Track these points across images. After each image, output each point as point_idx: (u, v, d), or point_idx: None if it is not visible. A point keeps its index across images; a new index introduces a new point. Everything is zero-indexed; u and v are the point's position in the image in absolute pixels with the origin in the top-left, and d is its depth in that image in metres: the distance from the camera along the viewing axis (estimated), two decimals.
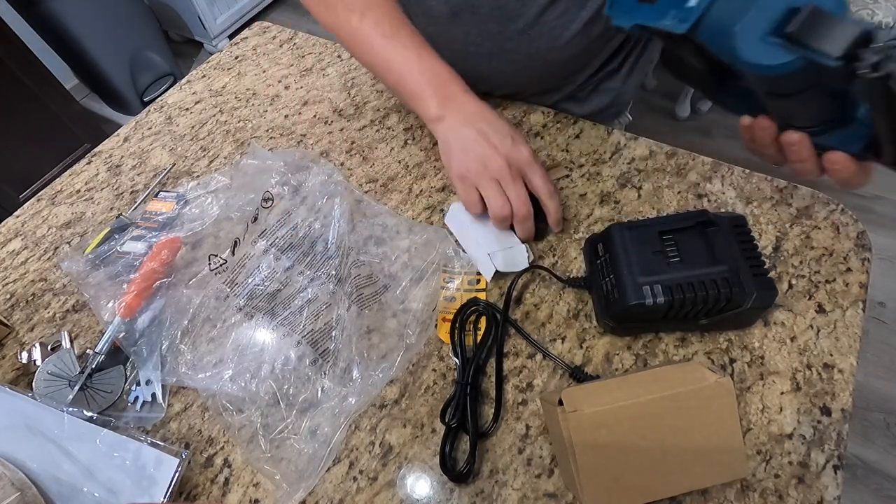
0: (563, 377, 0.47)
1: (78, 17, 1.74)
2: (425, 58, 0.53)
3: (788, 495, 0.41)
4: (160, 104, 0.75)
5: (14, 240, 0.62)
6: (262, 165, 0.59)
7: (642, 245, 0.46)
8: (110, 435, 0.43)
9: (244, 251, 0.52)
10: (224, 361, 0.48)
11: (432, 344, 0.50)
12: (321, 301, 0.49)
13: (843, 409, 0.44)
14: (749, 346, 0.47)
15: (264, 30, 0.85)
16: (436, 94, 0.52)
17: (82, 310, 0.55)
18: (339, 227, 0.53)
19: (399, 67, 0.53)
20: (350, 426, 0.46)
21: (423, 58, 0.53)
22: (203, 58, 2.31)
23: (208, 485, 0.45)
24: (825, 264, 0.51)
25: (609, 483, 0.37)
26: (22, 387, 0.48)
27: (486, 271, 0.52)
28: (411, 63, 0.53)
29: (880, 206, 1.57)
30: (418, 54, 0.53)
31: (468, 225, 0.54)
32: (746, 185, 0.58)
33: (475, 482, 0.43)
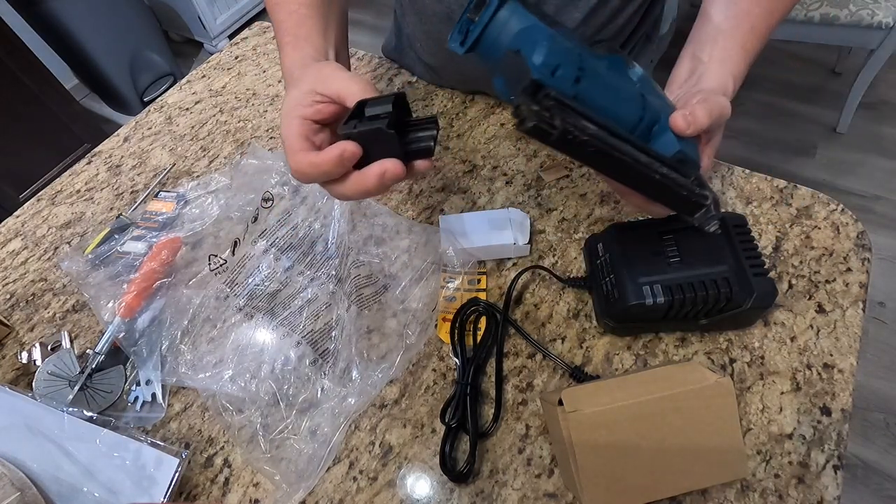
0: (563, 377, 0.47)
1: (78, 17, 1.74)
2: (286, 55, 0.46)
3: (788, 495, 0.41)
4: (160, 104, 0.75)
5: (14, 240, 0.62)
6: (262, 165, 0.59)
7: (642, 245, 0.46)
8: (110, 435, 0.43)
9: (244, 251, 0.52)
10: (224, 361, 0.48)
11: (432, 344, 0.50)
12: (321, 301, 0.49)
13: (843, 409, 0.44)
14: (749, 346, 0.47)
15: (264, 30, 0.85)
16: None
17: (82, 310, 0.55)
18: (339, 227, 0.53)
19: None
20: (350, 426, 0.46)
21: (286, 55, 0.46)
22: (203, 58, 2.31)
23: (208, 485, 0.45)
24: (825, 264, 0.51)
25: (609, 483, 0.37)
26: (22, 387, 0.48)
27: (515, 253, 0.54)
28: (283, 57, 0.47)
29: (880, 206, 1.57)
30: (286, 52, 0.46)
31: (465, 232, 0.54)
32: (746, 185, 0.58)
33: (475, 482, 0.43)
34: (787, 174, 0.68)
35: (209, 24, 2.20)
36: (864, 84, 1.57)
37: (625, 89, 0.38)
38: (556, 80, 0.34)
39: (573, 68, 0.35)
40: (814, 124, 1.77)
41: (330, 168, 0.35)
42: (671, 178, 0.37)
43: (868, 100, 1.71)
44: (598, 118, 0.35)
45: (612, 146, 0.34)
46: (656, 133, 0.40)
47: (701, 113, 0.39)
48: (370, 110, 0.35)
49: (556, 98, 0.33)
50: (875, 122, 1.75)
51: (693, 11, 0.49)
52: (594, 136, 0.33)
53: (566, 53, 0.35)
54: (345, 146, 0.34)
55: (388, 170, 0.35)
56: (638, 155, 0.36)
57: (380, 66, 0.76)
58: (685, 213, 0.40)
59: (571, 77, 0.35)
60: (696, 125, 0.39)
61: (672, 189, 0.37)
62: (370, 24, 2.31)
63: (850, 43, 1.49)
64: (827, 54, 1.93)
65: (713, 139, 0.42)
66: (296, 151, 0.36)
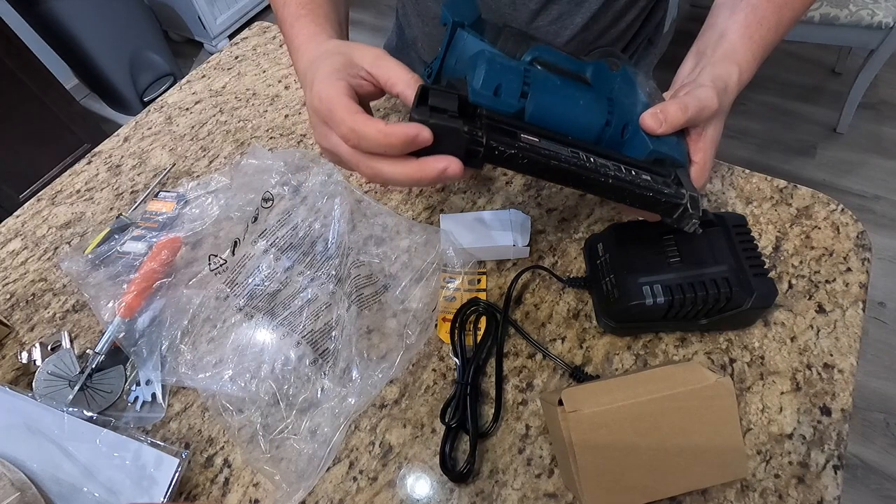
0: (563, 377, 0.47)
1: (78, 17, 1.74)
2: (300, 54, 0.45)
3: (788, 495, 0.41)
4: (160, 104, 0.75)
5: (14, 240, 0.62)
6: (262, 165, 0.59)
7: (642, 245, 0.46)
8: (110, 435, 0.43)
9: (244, 251, 0.52)
10: (224, 361, 0.48)
11: (432, 344, 0.50)
12: (321, 301, 0.49)
13: (843, 409, 0.44)
14: (749, 346, 0.47)
15: (264, 30, 0.85)
16: None
17: (82, 310, 0.55)
18: (339, 227, 0.53)
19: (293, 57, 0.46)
20: (350, 426, 0.46)
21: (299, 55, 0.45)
22: (203, 58, 2.31)
23: (208, 485, 0.45)
24: (825, 264, 0.51)
25: (609, 483, 0.37)
26: (22, 387, 0.48)
27: (515, 254, 0.53)
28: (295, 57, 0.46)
29: (880, 206, 1.58)
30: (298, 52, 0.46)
31: (465, 232, 0.54)
32: (746, 185, 0.58)
33: (475, 482, 0.43)
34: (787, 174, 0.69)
35: (209, 24, 2.20)
36: (864, 84, 1.57)
37: (585, 97, 0.39)
38: (498, 100, 0.36)
39: (517, 85, 0.37)
40: (814, 124, 1.77)
41: (397, 143, 0.32)
42: (630, 182, 0.36)
43: (868, 100, 1.71)
44: (542, 129, 0.36)
45: (546, 156, 0.34)
46: (630, 135, 0.39)
47: (674, 109, 0.37)
48: (435, 101, 0.34)
49: (487, 117, 0.35)
50: (875, 122, 1.75)
51: (693, 11, 0.49)
52: (522, 148, 0.34)
53: (508, 72, 0.37)
54: (420, 129, 0.32)
55: (450, 168, 0.33)
56: (585, 161, 0.35)
57: None
58: (661, 214, 0.39)
59: (516, 93, 0.36)
60: (670, 122, 0.37)
61: (635, 193, 0.37)
62: (370, 24, 2.31)
63: (850, 43, 1.49)
64: (827, 54, 1.93)
65: (705, 133, 0.40)
66: (354, 112, 0.33)
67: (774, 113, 1.81)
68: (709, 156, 0.40)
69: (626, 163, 0.38)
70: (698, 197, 0.38)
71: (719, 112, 0.40)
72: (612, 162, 0.37)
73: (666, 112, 0.37)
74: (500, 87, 0.36)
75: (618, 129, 0.39)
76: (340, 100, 0.34)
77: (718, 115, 0.40)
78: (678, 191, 0.37)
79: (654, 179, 0.37)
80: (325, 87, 0.35)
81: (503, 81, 0.36)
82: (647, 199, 0.37)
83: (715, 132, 0.41)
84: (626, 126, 0.39)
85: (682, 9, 1.68)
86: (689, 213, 0.37)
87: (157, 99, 0.77)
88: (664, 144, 0.39)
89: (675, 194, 0.37)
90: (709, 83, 0.40)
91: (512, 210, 0.55)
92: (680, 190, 0.38)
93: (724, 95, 0.40)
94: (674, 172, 0.39)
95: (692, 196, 0.38)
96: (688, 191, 0.38)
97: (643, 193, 0.37)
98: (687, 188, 0.38)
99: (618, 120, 0.39)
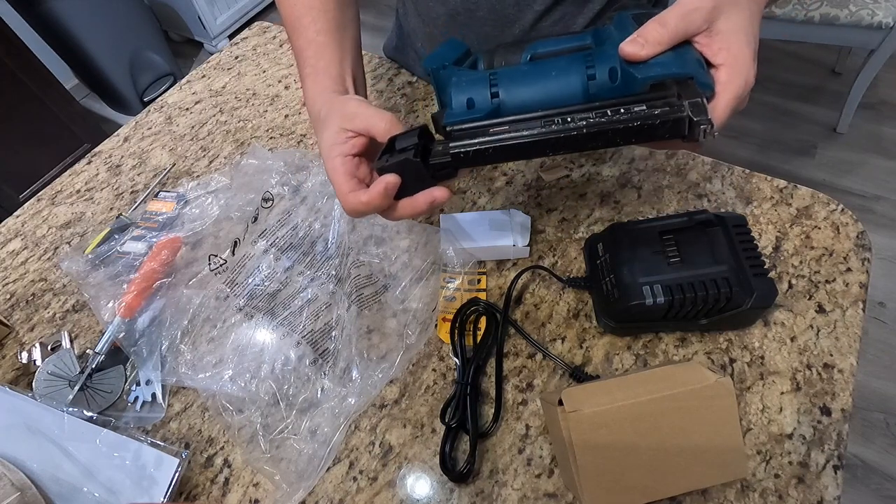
0: (563, 377, 0.47)
1: (78, 17, 1.73)
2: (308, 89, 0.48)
3: (788, 495, 0.41)
4: (160, 104, 0.75)
5: (14, 240, 0.62)
6: (262, 165, 0.59)
7: (642, 245, 0.46)
8: (110, 435, 0.43)
9: (244, 251, 0.52)
10: (224, 361, 0.48)
11: (432, 344, 0.50)
12: (321, 301, 0.49)
13: (843, 409, 0.44)
14: (749, 346, 0.47)
15: (264, 30, 0.85)
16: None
17: (82, 310, 0.55)
18: (339, 227, 0.53)
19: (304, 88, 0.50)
20: (350, 426, 0.46)
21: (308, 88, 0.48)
22: (203, 58, 2.31)
23: (208, 485, 0.45)
24: (825, 264, 0.51)
25: (609, 483, 0.37)
26: (22, 387, 0.48)
27: (515, 254, 0.54)
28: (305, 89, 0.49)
29: (880, 206, 1.57)
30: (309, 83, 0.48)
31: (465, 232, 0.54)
32: (746, 185, 0.58)
33: (475, 482, 0.43)
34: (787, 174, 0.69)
35: (209, 24, 2.19)
36: (864, 84, 1.57)
37: (557, 65, 0.40)
38: (473, 112, 0.39)
39: (485, 91, 0.39)
40: (814, 124, 1.77)
41: (379, 202, 0.38)
42: (613, 122, 0.35)
43: (868, 100, 1.71)
44: (518, 116, 0.38)
45: (510, 138, 0.36)
46: (623, 75, 0.38)
47: (652, 27, 0.35)
48: (399, 143, 0.39)
49: (455, 130, 0.38)
50: (875, 122, 1.75)
51: None
52: (483, 142, 0.37)
53: (474, 84, 0.40)
54: (387, 179, 0.37)
55: (437, 198, 0.38)
56: (556, 125, 0.36)
57: (380, 66, 0.76)
58: (671, 136, 0.36)
59: (486, 98, 0.39)
60: (652, 41, 0.35)
61: (623, 129, 0.35)
62: (370, 24, 2.31)
63: (850, 43, 1.49)
64: (827, 54, 1.93)
65: (715, 30, 0.35)
66: (346, 193, 0.39)
67: (774, 113, 1.81)
68: (737, 48, 0.35)
69: (615, 104, 0.36)
70: (701, 101, 0.34)
71: (724, 4, 0.35)
72: (595, 112, 0.36)
73: (644, 33, 0.35)
74: (471, 100, 0.39)
75: (604, 77, 0.38)
76: (337, 182, 0.39)
77: (728, 6, 0.36)
78: (676, 105, 0.34)
79: (650, 106, 0.35)
80: (328, 170, 0.40)
81: (472, 95, 0.39)
82: (640, 130, 0.35)
83: (733, 21, 0.36)
84: (612, 70, 0.38)
85: None
86: (696, 121, 0.34)
87: (157, 99, 0.77)
88: (656, 66, 0.36)
89: (671, 110, 0.34)
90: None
91: (512, 210, 0.55)
92: (678, 104, 0.34)
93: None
94: (675, 89, 0.35)
95: (692, 103, 0.34)
96: (700, 96, 0.34)
97: (630, 126, 0.35)
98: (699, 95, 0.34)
99: (601, 68, 0.38)
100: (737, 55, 0.35)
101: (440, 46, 0.46)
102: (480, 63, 0.46)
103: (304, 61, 0.48)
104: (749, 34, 0.36)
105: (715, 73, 0.36)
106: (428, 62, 0.44)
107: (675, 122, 0.34)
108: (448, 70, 0.44)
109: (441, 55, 0.45)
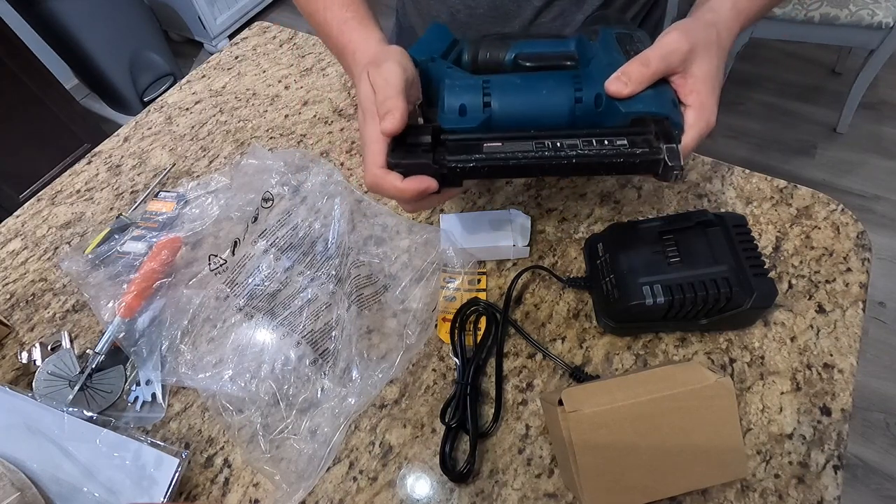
0: (563, 377, 0.47)
1: (78, 17, 1.73)
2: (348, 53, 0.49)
3: (788, 495, 0.41)
4: (160, 104, 0.75)
5: (14, 240, 0.62)
6: (262, 165, 0.59)
7: (642, 245, 0.46)
8: (110, 435, 0.43)
9: (244, 251, 0.52)
10: (224, 361, 0.48)
11: (432, 344, 0.50)
12: (321, 301, 0.49)
13: (843, 409, 0.44)
14: (749, 346, 0.47)
15: (264, 30, 0.85)
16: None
17: (82, 310, 0.55)
18: (339, 227, 0.53)
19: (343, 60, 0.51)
20: (350, 426, 0.46)
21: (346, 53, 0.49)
22: (203, 58, 2.30)
23: (208, 485, 0.45)
24: (825, 264, 0.51)
25: (609, 483, 0.37)
26: (22, 387, 0.48)
27: (515, 254, 0.54)
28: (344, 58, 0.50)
29: (880, 206, 1.58)
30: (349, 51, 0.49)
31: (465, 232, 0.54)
32: (746, 185, 0.58)
33: (475, 482, 0.43)
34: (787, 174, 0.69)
35: (209, 24, 2.19)
36: (864, 84, 1.57)
37: (548, 83, 0.41)
38: (465, 119, 0.40)
39: (478, 99, 0.40)
40: (814, 124, 1.77)
41: (409, 197, 0.38)
42: (598, 155, 0.37)
43: (868, 100, 1.71)
44: (509, 132, 0.39)
45: (506, 157, 0.37)
46: (606, 103, 0.40)
47: (635, 66, 0.37)
48: (412, 138, 0.39)
49: (451, 140, 0.39)
50: (875, 122, 1.75)
51: None
52: (480, 159, 0.37)
53: (468, 90, 0.40)
54: (428, 183, 0.37)
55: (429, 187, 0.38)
56: (548, 150, 0.37)
57: None
58: (644, 173, 0.39)
59: (479, 107, 0.40)
60: (635, 80, 0.37)
61: (606, 163, 0.37)
62: None
63: (850, 43, 1.49)
64: (827, 54, 1.93)
65: (690, 73, 0.39)
66: (380, 166, 0.38)
67: (774, 113, 1.81)
68: (705, 94, 0.39)
69: (600, 135, 0.37)
70: (676, 147, 0.36)
71: (699, 49, 0.38)
72: (582, 139, 0.37)
73: (628, 72, 0.37)
74: (464, 106, 0.40)
75: (590, 102, 0.40)
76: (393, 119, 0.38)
77: (702, 52, 0.39)
78: (655, 147, 0.36)
79: (631, 142, 0.37)
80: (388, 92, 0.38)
81: (465, 101, 0.40)
82: (621, 166, 0.37)
83: (704, 69, 0.39)
84: (599, 96, 0.40)
85: (682, 9, 1.68)
86: (669, 165, 0.36)
87: (157, 99, 0.77)
88: (638, 103, 0.38)
89: (650, 152, 0.36)
90: (672, 29, 0.39)
91: (512, 210, 0.55)
92: (656, 145, 0.36)
93: (702, 31, 0.39)
94: (654, 128, 0.38)
95: (668, 148, 0.36)
96: (676, 142, 0.37)
97: (614, 161, 0.37)
98: (674, 139, 0.37)
99: (588, 93, 0.40)
100: (704, 102, 0.38)
101: (426, 33, 0.46)
102: (465, 53, 0.47)
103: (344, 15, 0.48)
104: (716, 81, 0.40)
105: (683, 111, 0.39)
106: (415, 52, 0.44)
107: (653, 162, 0.37)
108: (437, 64, 0.44)
109: (427, 44, 0.45)
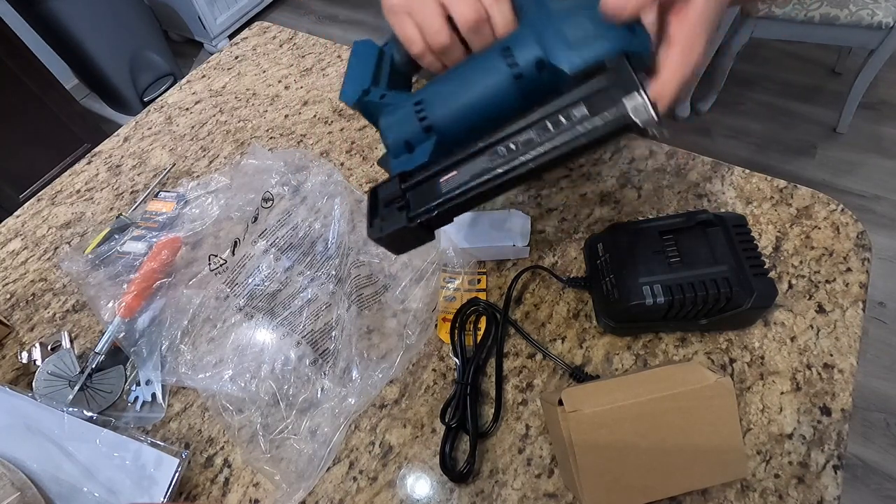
0: (563, 377, 0.47)
1: (78, 17, 1.73)
2: None
3: (788, 495, 0.41)
4: (160, 104, 0.75)
5: (14, 240, 0.62)
6: (262, 165, 0.59)
7: (642, 245, 0.46)
8: (110, 435, 0.43)
9: (244, 251, 0.52)
10: (224, 361, 0.48)
11: (432, 344, 0.50)
12: (321, 301, 0.49)
13: (843, 409, 0.44)
14: (749, 346, 0.47)
15: (264, 30, 0.85)
16: None
17: (82, 310, 0.55)
18: (339, 227, 0.53)
19: None
20: (350, 426, 0.46)
21: None
22: (203, 58, 2.31)
23: (208, 485, 0.45)
24: (825, 264, 0.51)
25: (609, 483, 0.37)
26: (22, 387, 0.48)
27: (515, 254, 0.54)
28: None
29: (880, 206, 1.57)
30: None
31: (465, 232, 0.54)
32: (746, 185, 0.58)
33: (475, 482, 0.43)
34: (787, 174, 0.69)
35: (209, 24, 2.20)
36: (864, 84, 1.57)
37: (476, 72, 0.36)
38: (414, 156, 0.38)
39: (415, 126, 0.37)
40: (814, 124, 1.77)
41: None
42: (562, 145, 0.32)
43: (868, 100, 1.70)
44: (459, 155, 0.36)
45: (468, 189, 0.35)
46: (551, 69, 0.34)
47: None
48: (384, 195, 0.37)
49: (408, 187, 0.37)
50: (875, 122, 1.75)
51: None
52: (443, 201, 0.35)
53: (403, 121, 0.38)
54: None
55: None
56: (506, 157, 0.34)
57: None
58: (621, 138, 0.35)
59: (420, 133, 0.37)
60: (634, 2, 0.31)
61: (574, 150, 0.32)
62: (370, 24, 2.30)
63: (850, 43, 1.49)
64: (827, 54, 1.93)
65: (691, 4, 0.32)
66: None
67: (774, 113, 1.81)
68: (695, 32, 0.32)
69: (554, 112, 0.33)
70: (643, 99, 0.30)
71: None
72: (535, 128, 0.33)
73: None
74: (408, 142, 0.38)
75: (532, 71, 0.34)
76: None
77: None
78: (619, 111, 0.31)
79: (591, 105, 0.32)
80: None
81: (406, 135, 0.38)
82: (590, 145, 0.32)
83: (702, 6, 0.32)
84: (540, 61, 0.34)
85: None
86: (639, 125, 0.31)
87: (157, 99, 0.77)
88: (583, 50, 0.33)
89: (616, 119, 0.31)
90: None
91: (512, 210, 0.55)
92: (621, 108, 0.31)
93: None
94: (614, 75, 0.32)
95: (634, 104, 0.30)
96: (639, 88, 0.31)
97: (581, 144, 0.32)
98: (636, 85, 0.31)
99: (524, 60, 0.34)
100: (692, 37, 0.32)
101: (350, 58, 0.43)
102: (395, 53, 0.43)
103: None
104: (711, 21, 0.32)
105: (667, 51, 0.32)
106: (345, 96, 0.41)
107: (624, 127, 0.31)
108: (372, 96, 0.40)
109: (355, 79, 0.41)
